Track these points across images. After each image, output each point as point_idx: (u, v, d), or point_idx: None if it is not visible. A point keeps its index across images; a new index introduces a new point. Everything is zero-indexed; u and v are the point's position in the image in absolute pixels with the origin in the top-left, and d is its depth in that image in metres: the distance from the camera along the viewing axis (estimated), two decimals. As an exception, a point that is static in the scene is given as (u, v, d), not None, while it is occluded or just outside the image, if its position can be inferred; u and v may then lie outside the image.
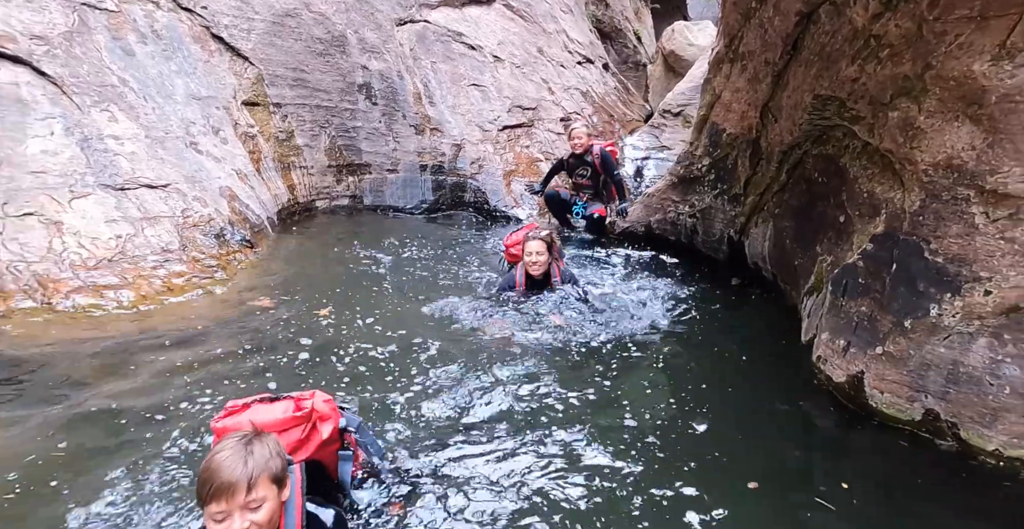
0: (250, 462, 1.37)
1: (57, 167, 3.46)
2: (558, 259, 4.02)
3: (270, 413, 1.72)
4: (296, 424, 1.72)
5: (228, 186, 4.59)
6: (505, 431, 2.41)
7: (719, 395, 2.87)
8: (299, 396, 1.80)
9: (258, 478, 1.37)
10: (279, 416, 1.71)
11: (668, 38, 10.30)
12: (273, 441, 1.48)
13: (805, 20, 3.48)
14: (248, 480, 1.35)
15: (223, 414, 1.72)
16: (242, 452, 1.38)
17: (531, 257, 3.82)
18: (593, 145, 5.90)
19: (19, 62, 3.53)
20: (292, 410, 1.74)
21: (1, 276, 2.98)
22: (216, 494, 1.33)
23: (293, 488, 1.51)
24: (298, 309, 3.50)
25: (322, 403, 1.80)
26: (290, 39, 5.64)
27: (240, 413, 1.71)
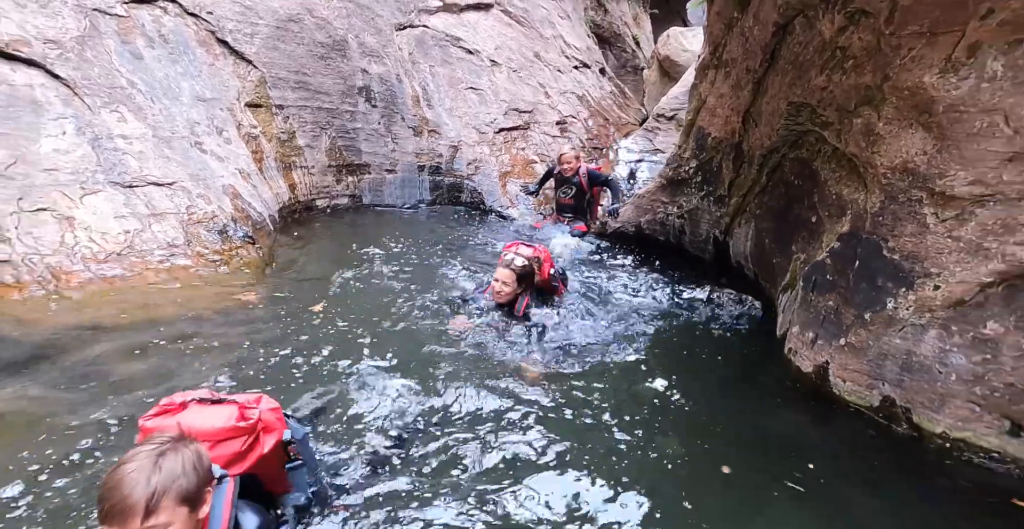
0: (153, 480, 1.19)
1: (69, 165, 3.64)
2: (528, 291, 3.46)
3: (209, 419, 1.53)
4: (237, 435, 1.54)
5: (231, 184, 4.77)
6: (476, 428, 2.45)
7: (698, 386, 3.01)
8: (245, 402, 1.63)
9: (159, 501, 1.18)
10: (218, 425, 1.52)
11: (663, 44, 10.51)
12: (192, 454, 1.29)
13: (781, 31, 3.67)
14: (147, 503, 1.17)
15: (155, 411, 1.53)
16: (148, 468, 1.20)
17: (496, 284, 3.36)
18: (580, 166, 6.24)
19: (34, 65, 3.72)
20: (235, 418, 1.55)
21: (17, 268, 3.16)
22: (108, 517, 1.16)
23: (221, 504, 1.35)
24: (294, 304, 3.67)
25: (269, 412, 1.65)
26: (293, 43, 5.82)
27: (174, 413, 1.53)
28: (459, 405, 2.65)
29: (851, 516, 2.09)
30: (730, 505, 2.14)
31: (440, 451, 2.31)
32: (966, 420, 2.40)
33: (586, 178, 6.23)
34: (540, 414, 2.59)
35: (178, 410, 1.55)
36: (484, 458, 2.28)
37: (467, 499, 2.03)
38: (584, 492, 2.12)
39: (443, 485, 2.11)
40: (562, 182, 6.37)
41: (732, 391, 3.04)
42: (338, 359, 2.95)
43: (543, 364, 3.05)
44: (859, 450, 2.55)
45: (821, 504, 2.15)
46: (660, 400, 2.83)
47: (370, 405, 2.58)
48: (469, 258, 5.17)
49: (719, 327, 3.88)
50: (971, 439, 2.41)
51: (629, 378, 3.02)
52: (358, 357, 2.97)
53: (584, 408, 2.68)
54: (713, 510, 2.09)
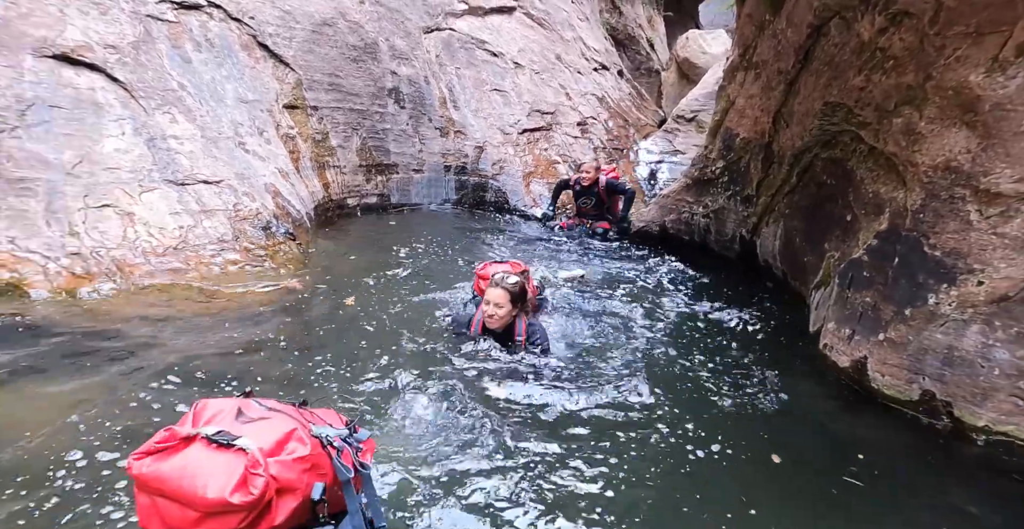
0: None
1: (128, 164, 3.80)
2: (527, 313, 3.11)
3: (202, 476, 1.14)
4: (230, 511, 1.13)
5: (272, 183, 4.92)
6: (507, 426, 2.44)
7: (733, 381, 3.07)
8: (254, 458, 1.18)
9: None
10: (210, 492, 1.13)
11: (682, 46, 10.58)
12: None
13: (816, 32, 3.75)
14: None
15: (148, 448, 1.20)
16: None
17: (488, 307, 2.96)
18: (599, 177, 6.33)
19: (95, 69, 3.88)
20: (233, 485, 1.14)
21: (87, 260, 3.32)
22: None
23: None
24: (332, 298, 3.80)
25: (290, 466, 1.23)
26: (327, 46, 5.98)
27: (168, 455, 1.19)
28: (474, 421, 2.48)
29: (898, 507, 2.16)
30: (783, 493, 2.20)
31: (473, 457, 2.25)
32: (1009, 414, 2.47)
33: (605, 188, 6.35)
34: (578, 411, 2.64)
35: (175, 450, 1.19)
36: (525, 458, 2.26)
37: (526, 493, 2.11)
38: (637, 480, 2.20)
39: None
40: (581, 193, 6.47)
41: (768, 387, 3.07)
42: (371, 357, 3.01)
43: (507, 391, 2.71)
44: (902, 443, 2.61)
45: (868, 495, 2.19)
46: (696, 395, 2.90)
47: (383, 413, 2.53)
48: (492, 254, 5.27)
49: (748, 324, 3.95)
50: (1014, 432, 2.47)
51: (660, 376, 3.08)
52: (389, 352, 3.05)
53: (622, 406, 2.73)
54: (765, 498, 2.16)
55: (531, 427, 2.48)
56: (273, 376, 2.71)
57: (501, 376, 2.79)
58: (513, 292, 2.92)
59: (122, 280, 3.34)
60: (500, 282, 2.94)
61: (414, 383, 2.70)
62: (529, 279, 3.34)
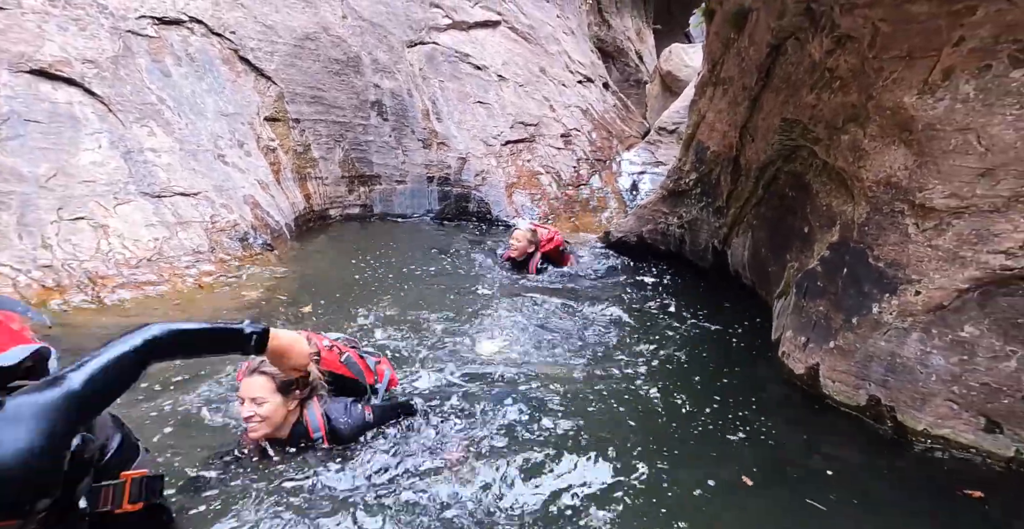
0: None
1: (104, 176, 3.88)
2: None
3: None
4: None
5: (251, 195, 5.00)
6: (476, 430, 2.43)
7: (698, 391, 3.12)
8: None
9: None
10: None
11: (665, 59, 10.79)
12: None
13: (775, 51, 3.89)
14: None
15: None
16: None
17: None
18: (533, 253, 4.97)
19: (73, 84, 3.97)
20: None
21: (58, 272, 3.38)
22: None
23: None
24: (299, 306, 3.86)
25: None
26: (309, 60, 6.10)
27: None
28: (450, 413, 2.57)
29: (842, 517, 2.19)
30: (757, 522, 2.13)
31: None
32: (945, 418, 2.56)
33: (538, 262, 5.07)
34: (540, 419, 2.63)
35: None
36: (482, 464, 2.22)
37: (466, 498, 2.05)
38: (591, 512, 2.06)
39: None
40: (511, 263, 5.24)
41: (732, 396, 3.12)
42: None
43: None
44: (856, 450, 2.67)
45: (833, 516, 2.16)
46: (661, 406, 2.93)
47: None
48: (473, 263, 5.36)
49: (716, 333, 4.05)
50: (950, 436, 2.56)
51: (630, 383, 3.14)
52: None
53: (582, 414, 2.70)
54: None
55: (481, 434, 2.47)
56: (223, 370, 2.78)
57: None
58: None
59: (94, 292, 3.40)
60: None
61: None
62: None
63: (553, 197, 8.00)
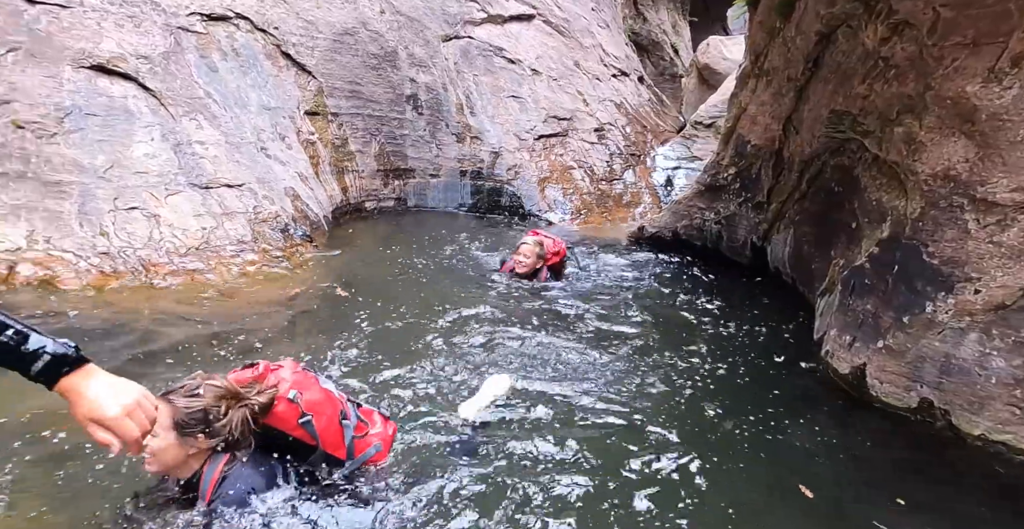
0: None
1: (156, 168, 4.03)
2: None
3: None
4: None
5: (292, 187, 5.12)
6: (510, 431, 2.40)
7: (741, 392, 3.03)
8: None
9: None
10: None
11: (703, 52, 10.55)
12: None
13: (824, 40, 3.76)
14: None
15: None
16: None
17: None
18: (541, 268, 4.56)
19: (128, 78, 4.14)
20: None
21: (114, 259, 3.54)
22: None
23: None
24: (339, 294, 3.92)
25: None
26: (348, 55, 6.19)
27: None
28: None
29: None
30: None
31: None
32: (1006, 423, 2.45)
33: (547, 276, 4.65)
34: (576, 420, 2.58)
35: None
36: (516, 465, 2.19)
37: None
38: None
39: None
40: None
41: (773, 395, 3.01)
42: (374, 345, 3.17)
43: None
44: (903, 452, 2.59)
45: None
46: (704, 404, 2.84)
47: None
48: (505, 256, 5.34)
49: (757, 332, 3.95)
50: (1011, 441, 2.45)
51: (668, 386, 3.02)
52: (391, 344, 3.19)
53: (619, 421, 2.61)
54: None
55: (518, 438, 2.41)
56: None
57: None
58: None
59: (147, 278, 3.54)
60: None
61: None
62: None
63: (586, 192, 7.95)
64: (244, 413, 1.69)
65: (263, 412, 1.73)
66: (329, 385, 1.96)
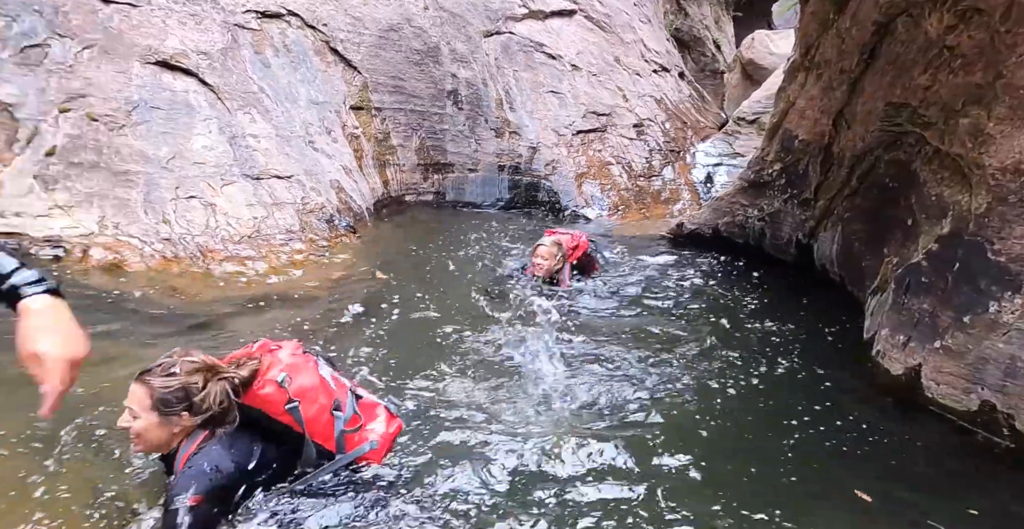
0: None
1: (213, 159, 4.22)
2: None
3: None
4: None
5: (337, 179, 5.27)
6: (541, 426, 2.36)
7: (788, 393, 2.95)
8: None
9: None
10: None
11: (747, 47, 10.29)
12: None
13: (882, 30, 3.63)
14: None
15: None
16: None
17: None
18: (561, 266, 4.22)
19: (189, 74, 4.35)
20: None
21: (175, 245, 3.74)
22: None
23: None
24: (381, 283, 4.02)
25: None
26: (392, 50, 6.32)
27: None
28: (509, 406, 2.57)
29: None
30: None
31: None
32: (1076, 428, 2.32)
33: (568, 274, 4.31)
34: (619, 419, 2.55)
35: None
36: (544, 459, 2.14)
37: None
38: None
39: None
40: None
41: (821, 396, 2.92)
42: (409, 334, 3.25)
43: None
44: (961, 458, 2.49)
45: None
46: (750, 411, 2.77)
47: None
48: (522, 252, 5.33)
49: (802, 330, 3.84)
50: (1082, 449, 2.33)
51: (706, 385, 2.95)
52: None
53: (661, 418, 2.56)
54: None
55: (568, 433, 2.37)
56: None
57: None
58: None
59: (204, 264, 3.72)
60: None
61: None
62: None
63: (624, 188, 7.88)
64: (224, 385, 1.65)
65: (244, 386, 1.68)
66: (326, 372, 1.85)
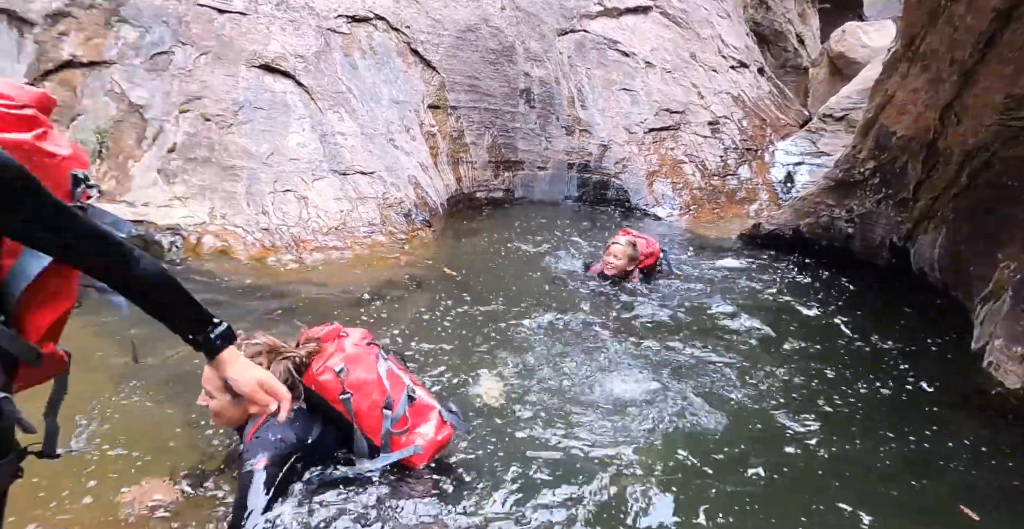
0: None
1: (305, 155, 4.52)
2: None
3: None
4: None
5: (414, 175, 5.48)
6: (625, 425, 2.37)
7: (885, 406, 2.81)
8: None
9: None
10: None
11: (837, 40, 9.71)
12: None
13: (1002, 18, 3.34)
14: None
15: None
16: None
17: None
18: (632, 271, 4.15)
19: (287, 76, 4.68)
20: None
21: (273, 235, 4.05)
22: None
23: None
24: (452, 276, 4.13)
25: None
26: (469, 50, 6.48)
27: None
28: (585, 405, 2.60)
29: None
30: None
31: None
32: None
33: (639, 279, 4.25)
34: (707, 428, 2.48)
35: None
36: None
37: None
38: None
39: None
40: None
41: (923, 410, 2.76)
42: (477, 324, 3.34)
43: None
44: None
45: None
46: (848, 424, 2.63)
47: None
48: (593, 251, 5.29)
49: (900, 339, 3.58)
50: None
51: (803, 400, 2.80)
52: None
53: (749, 436, 2.46)
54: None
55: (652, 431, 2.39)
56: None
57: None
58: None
59: (297, 253, 4.00)
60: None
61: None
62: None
63: (696, 187, 7.67)
64: (287, 365, 1.77)
65: (304, 366, 1.81)
66: (384, 367, 1.91)
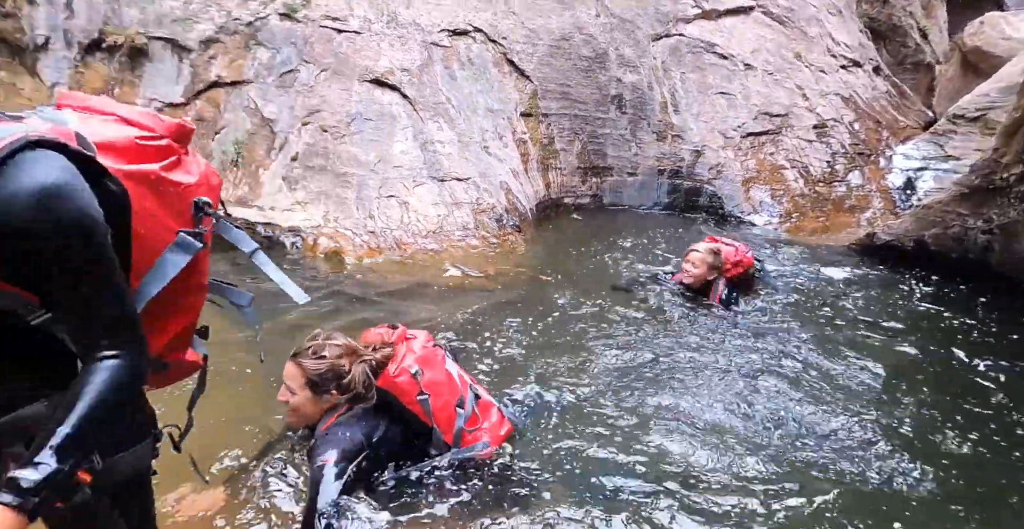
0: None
1: (407, 163, 4.81)
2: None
3: None
4: None
5: (506, 181, 5.64)
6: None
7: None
8: None
9: None
10: None
11: (972, 32, 8.73)
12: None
13: None
14: None
15: None
16: None
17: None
18: (715, 282, 3.83)
19: (394, 89, 5.01)
20: None
21: (378, 237, 4.37)
22: None
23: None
24: (543, 280, 4.19)
25: None
26: (562, 59, 6.56)
27: None
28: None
29: None
30: None
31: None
32: None
33: (724, 296, 3.82)
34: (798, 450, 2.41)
35: None
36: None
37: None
38: None
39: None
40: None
41: None
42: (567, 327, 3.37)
43: None
44: None
45: None
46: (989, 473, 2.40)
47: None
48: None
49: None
50: None
51: (933, 433, 2.58)
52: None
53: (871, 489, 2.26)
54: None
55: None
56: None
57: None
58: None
59: (399, 255, 4.27)
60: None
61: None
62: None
63: (798, 194, 7.21)
64: (364, 367, 1.83)
65: (379, 368, 1.86)
66: (453, 368, 1.98)
